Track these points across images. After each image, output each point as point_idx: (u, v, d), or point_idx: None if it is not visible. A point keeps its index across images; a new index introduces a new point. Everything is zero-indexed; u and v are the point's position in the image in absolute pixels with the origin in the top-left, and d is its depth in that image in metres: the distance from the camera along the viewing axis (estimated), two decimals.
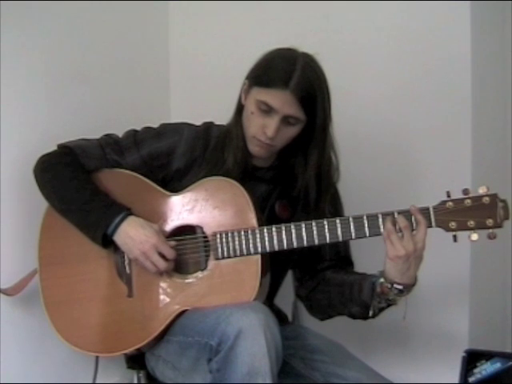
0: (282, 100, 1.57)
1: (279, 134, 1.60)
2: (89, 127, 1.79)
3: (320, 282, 1.73)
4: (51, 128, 1.91)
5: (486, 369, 1.75)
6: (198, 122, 1.75)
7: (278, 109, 1.58)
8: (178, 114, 2.31)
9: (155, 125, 1.75)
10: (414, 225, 1.51)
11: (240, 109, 1.68)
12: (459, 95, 2.00)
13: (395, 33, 2.07)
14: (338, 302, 1.67)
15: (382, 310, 1.61)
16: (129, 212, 1.62)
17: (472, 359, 1.77)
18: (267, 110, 1.59)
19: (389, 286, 1.54)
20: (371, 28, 2.10)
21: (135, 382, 1.81)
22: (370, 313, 1.61)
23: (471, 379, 1.76)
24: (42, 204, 1.70)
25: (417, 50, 2.04)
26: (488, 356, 1.76)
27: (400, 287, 1.53)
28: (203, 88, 2.33)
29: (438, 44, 2.02)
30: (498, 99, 2.20)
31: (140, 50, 2.30)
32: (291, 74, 1.57)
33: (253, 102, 1.61)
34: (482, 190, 1.48)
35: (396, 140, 2.09)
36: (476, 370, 1.76)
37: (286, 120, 1.59)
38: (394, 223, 1.51)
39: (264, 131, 1.60)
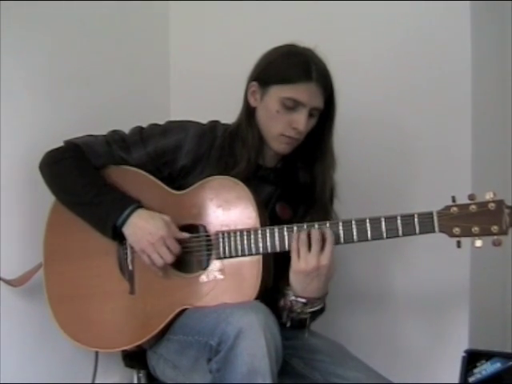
0: (308, 93, 1.59)
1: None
2: (89, 126, 1.79)
3: None
4: (52, 126, 1.91)
5: (485, 369, 1.75)
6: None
7: (306, 102, 1.60)
8: (177, 114, 2.29)
9: None
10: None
11: (250, 112, 1.68)
12: (459, 95, 2.00)
13: (395, 33, 2.07)
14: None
15: (302, 320, 1.60)
16: (139, 204, 1.63)
17: (472, 359, 1.77)
18: (293, 105, 1.60)
19: (292, 298, 1.55)
20: (371, 28, 2.10)
21: (135, 381, 1.81)
22: (284, 321, 1.60)
23: (471, 379, 1.76)
24: (48, 198, 1.71)
25: (416, 49, 2.04)
26: (488, 356, 1.76)
27: (303, 300, 1.55)
28: (203, 88, 2.33)
29: (438, 44, 2.02)
30: (498, 99, 2.19)
31: (140, 49, 2.30)
32: (309, 66, 1.59)
33: (276, 100, 1.62)
34: (488, 196, 1.45)
35: (395, 140, 2.09)
36: (476, 370, 1.76)
37: (310, 112, 1.62)
38: (309, 235, 1.52)
39: (293, 127, 1.62)
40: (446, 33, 2.01)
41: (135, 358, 1.75)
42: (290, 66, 1.62)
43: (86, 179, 1.67)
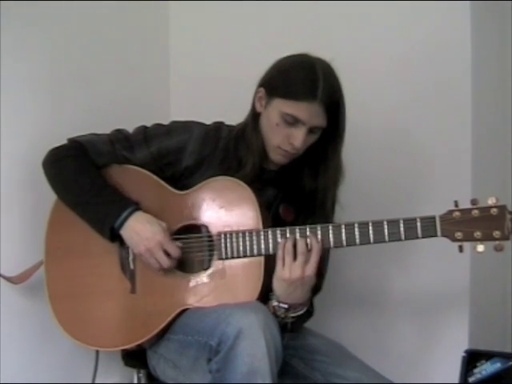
0: (310, 112, 1.57)
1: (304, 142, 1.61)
2: (89, 126, 1.79)
3: None
4: (53, 125, 1.92)
5: (485, 369, 1.75)
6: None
7: (306, 121, 1.58)
8: (177, 114, 2.29)
9: None
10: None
11: (255, 116, 1.68)
12: (459, 95, 2.00)
13: (395, 33, 2.06)
14: None
15: (285, 324, 1.59)
16: (137, 207, 1.63)
17: (472, 359, 1.77)
18: (293, 121, 1.58)
19: (275, 303, 1.55)
20: (370, 29, 2.10)
21: (135, 381, 1.81)
22: None
23: (471, 379, 1.76)
24: (48, 196, 1.71)
25: (416, 50, 2.04)
26: (488, 356, 1.76)
27: (285, 306, 1.55)
28: (203, 88, 2.33)
29: (438, 44, 2.01)
30: (498, 99, 2.19)
31: (140, 50, 2.30)
32: (316, 84, 1.56)
33: (277, 113, 1.60)
34: (490, 201, 1.44)
35: (395, 141, 2.08)
36: (476, 370, 1.76)
37: (310, 129, 1.60)
38: (295, 245, 1.52)
39: (290, 142, 1.60)
40: (446, 33, 2.01)
41: (135, 358, 1.75)
42: (296, 80, 1.58)
43: (86, 179, 1.67)
